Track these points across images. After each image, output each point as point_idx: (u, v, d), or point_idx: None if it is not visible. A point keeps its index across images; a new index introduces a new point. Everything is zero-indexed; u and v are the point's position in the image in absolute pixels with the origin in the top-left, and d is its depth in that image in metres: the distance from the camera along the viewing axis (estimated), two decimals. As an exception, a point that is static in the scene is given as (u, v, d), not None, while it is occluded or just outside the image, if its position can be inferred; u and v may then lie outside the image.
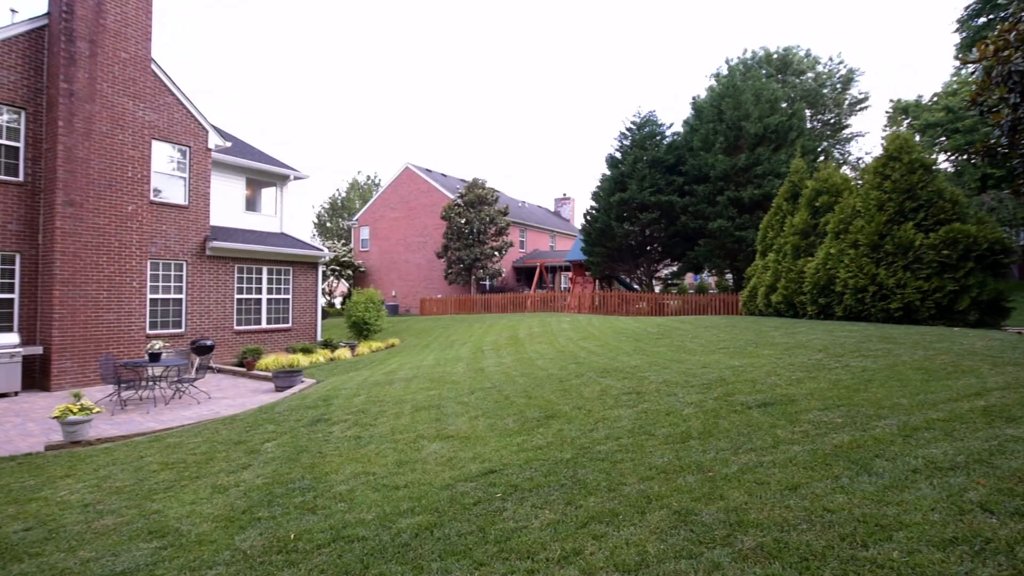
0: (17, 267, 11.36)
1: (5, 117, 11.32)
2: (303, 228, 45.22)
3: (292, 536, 3.87)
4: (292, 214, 18.75)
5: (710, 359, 8.35)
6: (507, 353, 11.67)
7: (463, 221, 27.41)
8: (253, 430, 7.00)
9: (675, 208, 22.39)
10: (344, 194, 46.03)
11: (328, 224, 44.72)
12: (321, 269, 17.20)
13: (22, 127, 11.51)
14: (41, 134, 11.66)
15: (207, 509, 4.51)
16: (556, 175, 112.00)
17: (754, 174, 20.58)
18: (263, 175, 17.02)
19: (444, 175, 35.69)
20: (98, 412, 7.31)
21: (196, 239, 14.05)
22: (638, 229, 23.09)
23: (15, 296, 11.33)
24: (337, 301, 36.98)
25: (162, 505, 4.64)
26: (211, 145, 14.42)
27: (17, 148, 11.45)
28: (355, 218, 36.54)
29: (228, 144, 14.94)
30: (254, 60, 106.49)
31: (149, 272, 13.00)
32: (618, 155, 24.90)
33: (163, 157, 13.54)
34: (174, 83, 13.68)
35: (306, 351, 14.48)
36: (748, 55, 25.30)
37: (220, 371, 13.25)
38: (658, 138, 24.25)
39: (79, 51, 11.60)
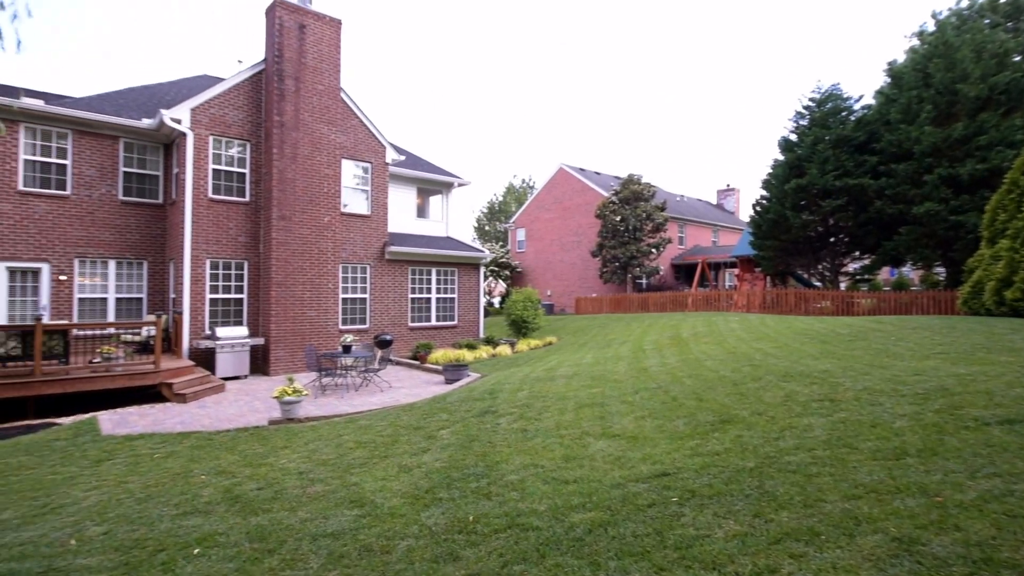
0: (245, 272, 13.72)
1: (236, 150, 13.74)
2: (464, 232, 48.34)
3: (471, 518, 4.05)
4: (455, 219, 20.13)
5: (923, 365, 7.07)
6: (670, 353, 11.14)
7: (618, 219, 26.93)
8: (429, 418, 7.54)
9: (867, 192, 19.52)
10: (501, 198, 48.17)
11: (486, 228, 47.15)
12: (482, 270, 18.12)
13: (248, 156, 13.88)
14: (260, 161, 13.94)
15: (395, 486, 4.94)
16: (718, 165, 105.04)
17: (975, 146, 17.07)
18: (431, 184, 18.44)
19: (598, 173, 35.46)
20: (306, 395, 8.48)
21: (377, 245, 15.69)
22: (819, 218, 20.56)
23: (244, 296, 13.69)
24: (496, 301, 38.79)
25: (359, 479, 5.19)
26: (388, 160, 16.01)
27: (244, 174, 13.83)
28: (511, 220, 37.98)
29: (402, 158, 16.45)
30: (414, 72, 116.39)
31: (341, 275, 14.83)
32: (793, 137, 22.45)
33: (350, 173, 15.36)
34: (358, 107, 15.44)
35: (470, 347, 15.33)
36: (964, 4, 21.08)
37: (397, 363, 14.62)
38: (844, 114, 21.35)
39: (287, 88, 13.64)
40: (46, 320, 12.27)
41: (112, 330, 12.68)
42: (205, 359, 12.49)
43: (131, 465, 6.44)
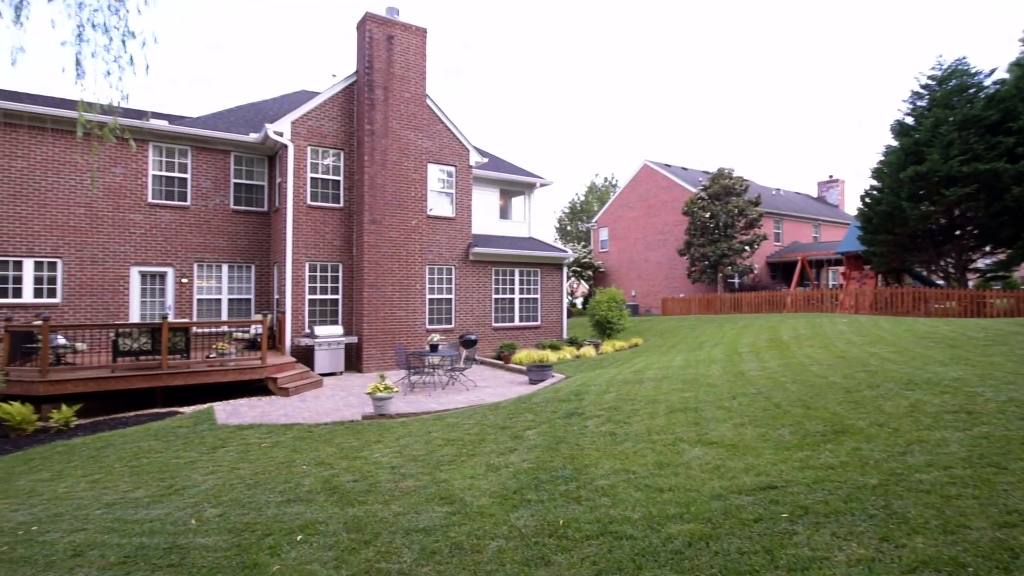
0: (340, 274, 14.47)
1: (331, 158, 14.53)
2: (546, 233, 48.26)
3: (561, 522, 3.93)
4: (538, 220, 20.11)
5: (1085, 373, 6.07)
6: (770, 357, 10.41)
7: (707, 215, 25.71)
8: (515, 418, 7.51)
9: (1001, 178, 17.24)
10: (582, 197, 47.65)
11: (568, 228, 46.81)
12: (565, 270, 17.95)
13: (341, 164, 14.63)
14: (352, 168, 14.65)
15: (484, 484, 4.92)
16: (818, 156, 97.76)
17: None
18: (513, 185, 18.54)
19: (684, 168, 34.13)
20: (396, 392, 8.75)
21: (461, 246, 15.99)
22: (941, 209, 18.43)
23: (339, 296, 14.44)
24: (578, 301, 38.40)
25: (448, 476, 5.23)
26: (472, 163, 16.27)
27: (339, 181, 14.59)
28: (593, 220, 37.44)
29: (485, 160, 16.66)
30: (496, 72, 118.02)
31: (427, 276, 15.26)
32: (909, 120, 20.30)
33: (435, 177, 15.78)
34: (442, 112, 15.83)
35: (554, 348, 15.22)
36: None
37: (482, 363, 14.81)
38: (971, 91, 19.00)
39: (377, 97, 14.24)
40: (171, 319, 13.61)
41: (225, 328, 13.83)
42: (305, 356, 13.29)
43: (242, 453, 6.93)
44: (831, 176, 40.16)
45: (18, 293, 12.62)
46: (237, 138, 14.60)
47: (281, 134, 13.65)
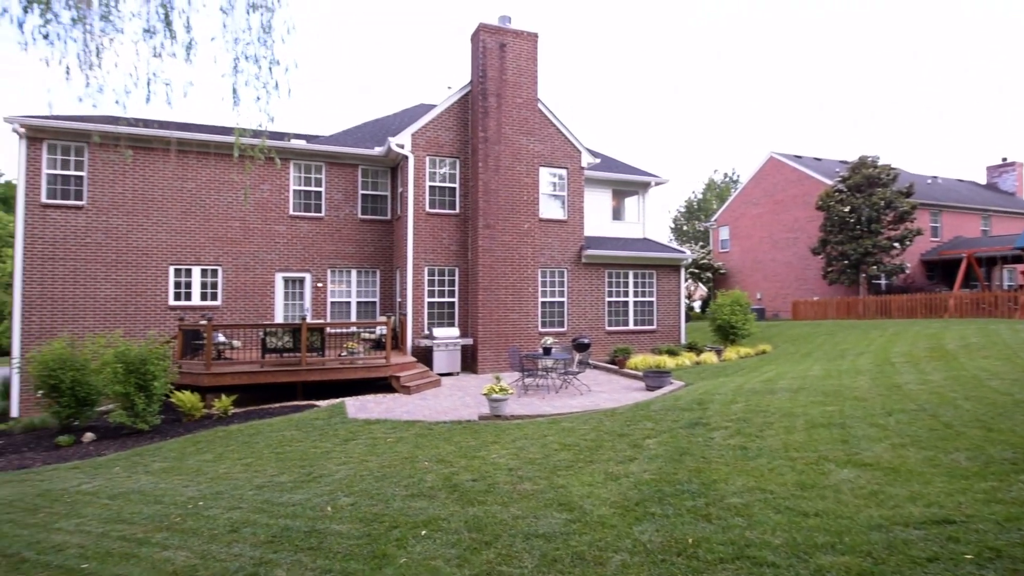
0: (456, 278, 14.98)
1: (447, 167, 15.11)
2: (661, 233, 46.46)
3: (690, 540, 3.65)
4: (652, 220, 19.31)
5: None
6: (932, 368, 9.06)
7: (847, 209, 23.15)
8: (633, 425, 7.21)
9: None
10: (700, 195, 45.29)
11: (684, 227, 44.74)
12: (683, 272, 17.10)
13: (457, 172, 15.16)
14: (467, 175, 15.11)
15: (603, 493, 4.74)
16: (987, 136, 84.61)
17: None
18: (626, 184, 18.05)
19: (817, 159, 31.12)
20: (511, 394, 8.82)
21: (573, 249, 15.85)
22: None
23: (455, 299, 14.95)
24: (696, 304, 36.50)
25: (566, 481, 5.11)
26: (584, 164, 16.08)
27: (454, 188, 15.14)
28: (713, 219, 35.42)
29: (597, 160, 16.39)
30: (606, 70, 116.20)
31: (540, 279, 15.30)
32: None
33: (547, 180, 15.80)
34: (553, 115, 15.82)
35: (671, 353, 14.53)
36: None
37: (595, 367, 14.52)
38: None
39: (490, 105, 14.57)
40: (308, 320, 14.94)
41: (353, 329, 14.90)
42: (424, 356, 13.92)
43: (370, 446, 7.35)
44: (1004, 159, 34.41)
45: (188, 296, 14.58)
46: (364, 152, 15.72)
47: (402, 146, 14.46)
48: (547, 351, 11.63)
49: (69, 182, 13.66)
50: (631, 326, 16.47)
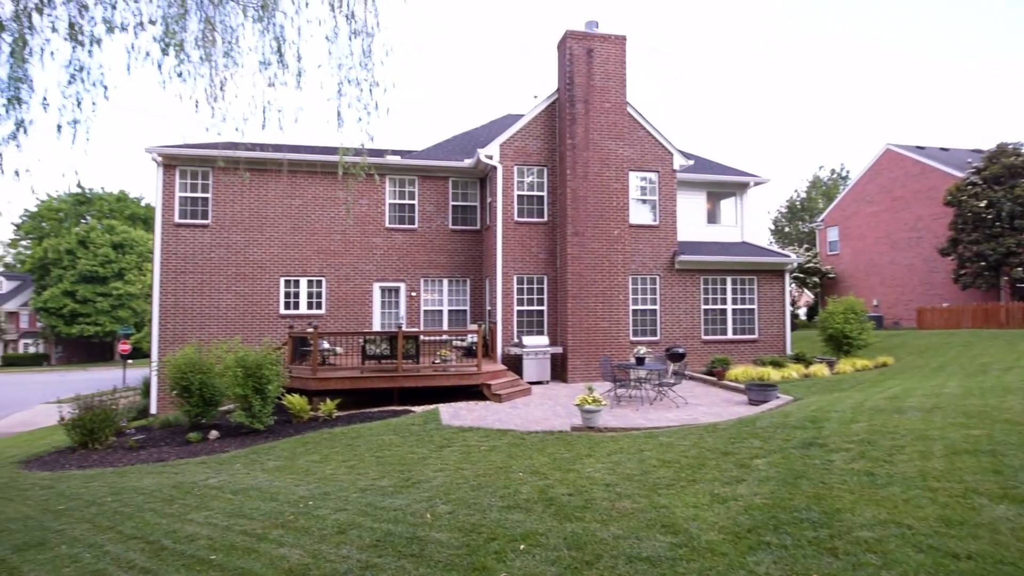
0: (545, 286, 14.95)
1: (535, 175, 15.15)
2: (760, 236, 43.70)
3: (815, 578, 3.30)
4: (751, 222, 18.14)
5: None
6: (1103, 386, 7.73)
7: (983, 204, 20.53)
8: (738, 442, 6.75)
9: None
10: (803, 194, 42.13)
11: (786, 229, 41.77)
12: (787, 277, 15.94)
13: (545, 180, 15.17)
14: (555, 183, 15.07)
15: (710, 516, 4.44)
16: None
17: None
18: (722, 186, 17.18)
19: (943, 149, 27.95)
20: (604, 405, 8.60)
21: (666, 255, 15.29)
22: None
23: (544, 308, 14.91)
24: (801, 312, 33.93)
25: (668, 501, 4.85)
26: (676, 167, 15.50)
27: (542, 196, 15.14)
28: (819, 219, 32.84)
29: (690, 162, 15.74)
30: (699, 69, 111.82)
31: (630, 286, 14.89)
32: None
33: (637, 185, 15.39)
34: (643, 117, 15.40)
35: (776, 364, 13.55)
36: None
37: (691, 378, 13.86)
38: None
39: (577, 111, 14.46)
40: (403, 328, 15.54)
41: (445, 336, 15.29)
42: (514, 364, 13.98)
43: (464, 454, 7.45)
44: None
45: (296, 305, 15.68)
46: (454, 165, 16.18)
47: (491, 157, 14.70)
48: (640, 361, 11.25)
49: (197, 203, 15.21)
50: (730, 335, 15.57)
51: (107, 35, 5.99)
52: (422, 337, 14.97)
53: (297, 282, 15.71)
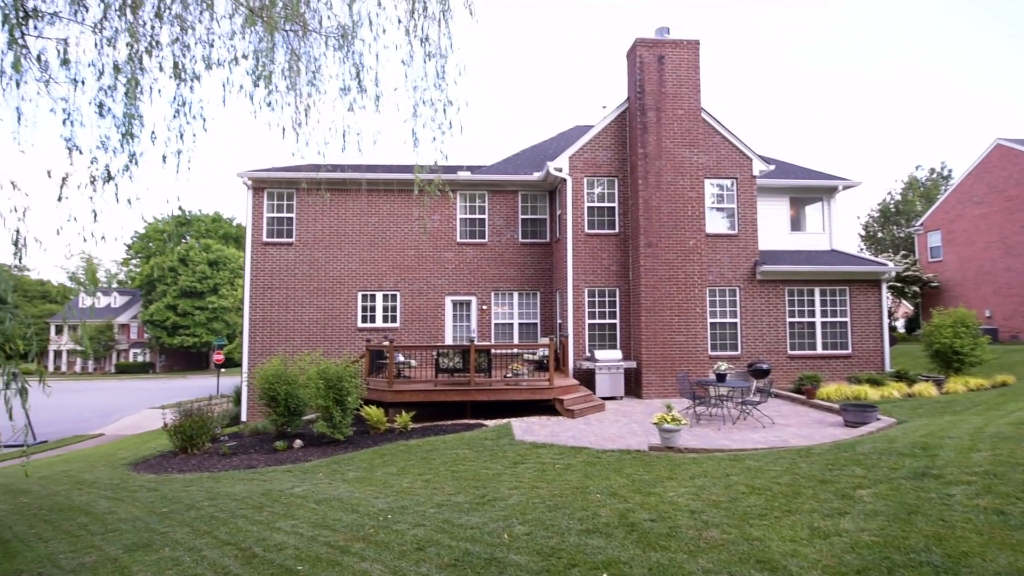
0: (617, 299, 14.61)
1: (605, 186, 14.91)
2: (849, 243, 40.70)
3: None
4: (839, 229, 16.79)
5: None
6: None
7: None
8: (836, 470, 6.20)
9: None
10: (897, 196, 38.93)
11: (879, 234, 38.69)
12: (884, 287, 14.68)
13: (616, 191, 14.89)
14: (626, 193, 14.75)
15: (810, 553, 4.07)
16: None
17: None
18: (807, 191, 16.18)
19: (1064, 143, 24.93)
20: (684, 424, 8.20)
21: (746, 265, 14.53)
22: None
23: (616, 321, 14.56)
24: (899, 324, 31.23)
25: (761, 533, 4.50)
26: (755, 172, 14.76)
27: (613, 208, 14.86)
28: (918, 223, 30.19)
29: (771, 167, 14.94)
30: (784, 71, 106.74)
31: (708, 298, 14.25)
32: None
33: (713, 193, 14.78)
34: (719, 123, 14.81)
35: (873, 382, 12.47)
36: None
37: (777, 396, 13.02)
38: None
39: (649, 120, 14.12)
40: (475, 341, 15.67)
41: (516, 350, 15.27)
42: (585, 379, 13.71)
43: (539, 471, 7.32)
44: None
45: (373, 319, 16.23)
46: (523, 178, 16.25)
47: (560, 169, 14.63)
48: (721, 377, 10.70)
49: (282, 223, 16.15)
50: (819, 350, 14.51)
51: (206, 71, 6.48)
52: (494, 351, 15.03)
53: (373, 296, 16.27)
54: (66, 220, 5.15)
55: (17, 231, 4.74)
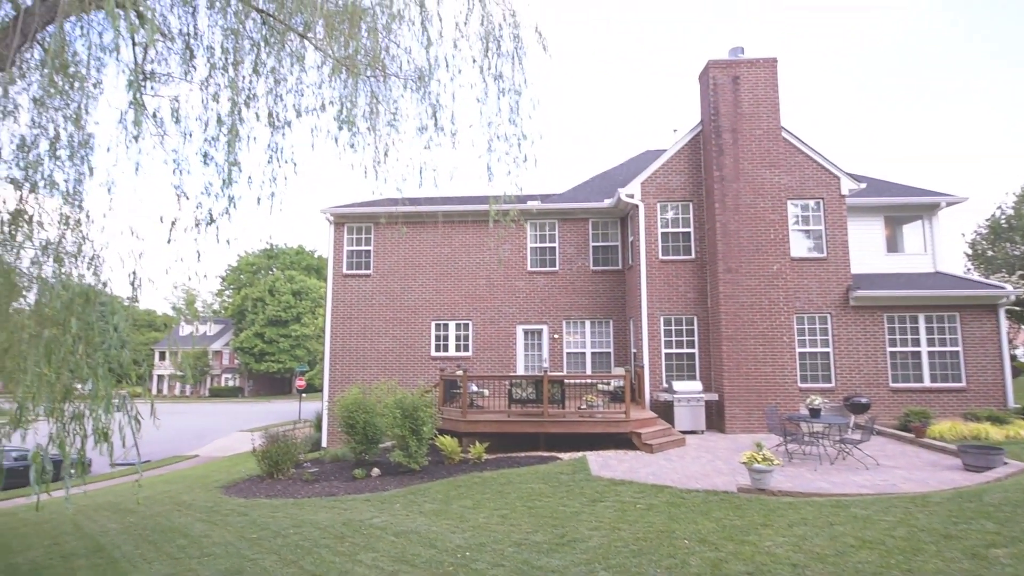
0: (695, 327, 14.01)
1: (679, 211, 14.50)
2: (955, 264, 37.08)
3: None
4: (943, 248, 15.23)
5: None
6: None
7: None
8: (961, 523, 5.49)
9: None
10: (1009, 211, 35.21)
11: (989, 253, 35.05)
12: (1001, 312, 13.17)
13: (690, 215, 14.43)
14: (702, 218, 14.25)
15: (944, 625, 3.56)
16: None
17: None
18: (904, 209, 14.97)
19: None
20: (778, 464, 7.60)
21: (837, 290, 13.55)
22: None
23: (695, 350, 13.93)
24: (1019, 353, 27.93)
25: (881, 597, 4.01)
26: (844, 191, 13.87)
27: (688, 233, 14.39)
28: (1033, 241, 27.12)
29: (862, 186, 13.98)
30: (878, 81, 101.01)
31: (795, 326, 13.37)
32: None
33: (797, 214, 13.98)
34: (801, 141, 14.09)
35: (995, 420, 11.12)
36: None
37: (879, 433, 11.87)
38: None
39: (724, 142, 13.67)
40: (547, 371, 15.49)
41: (589, 380, 14.92)
42: (663, 411, 13.14)
43: (619, 511, 6.99)
44: None
45: (446, 348, 16.47)
46: (593, 206, 16.14)
47: (632, 196, 14.40)
48: (815, 412, 9.90)
49: (361, 255, 16.87)
50: (926, 383, 13.15)
51: (296, 118, 6.94)
52: (567, 381, 14.79)
53: (446, 325, 16.54)
54: (174, 261, 5.57)
55: (134, 272, 5.17)
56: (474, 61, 7.26)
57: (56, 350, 4.03)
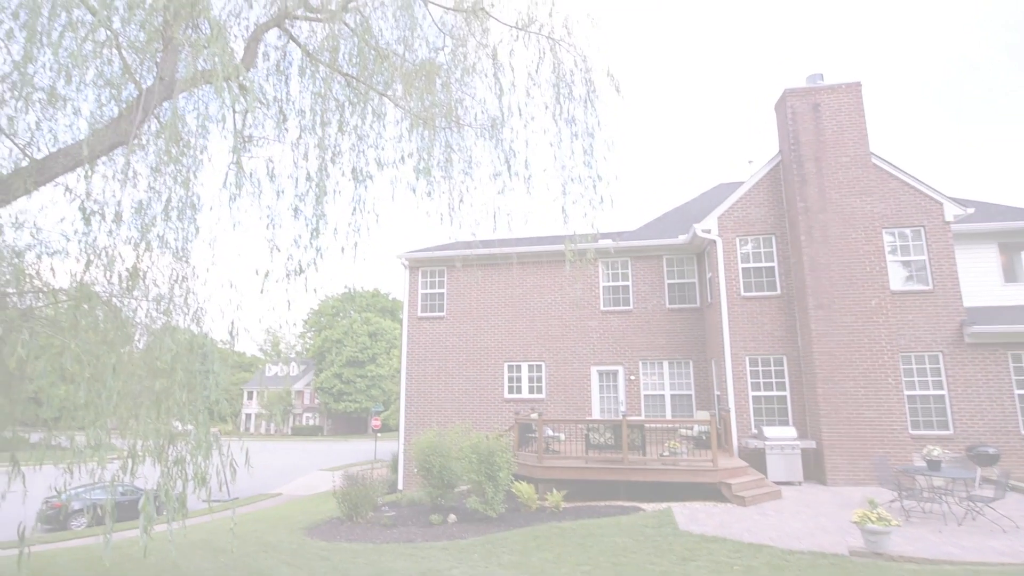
0: (785, 367, 13.07)
1: (761, 245, 13.81)
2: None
3: None
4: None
5: None
6: None
7: None
8: None
9: None
10: None
11: None
12: None
13: (773, 249, 13.71)
14: (786, 252, 13.49)
15: None
16: None
17: None
18: (1021, 234, 13.49)
19: None
20: (896, 525, 6.75)
21: (949, 325, 12.26)
22: None
23: (786, 393, 12.96)
24: None
25: None
26: (948, 218, 12.72)
27: (772, 268, 13.64)
28: None
29: (969, 211, 12.77)
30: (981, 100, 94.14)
31: (902, 366, 12.16)
32: None
33: (894, 244, 12.94)
34: (895, 166, 13.17)
35: None
36: None
37: (1013, 488, 10.38)
38: None
39: (807, 172, 13.00)
40: (625, 414, 14.91)
41: (670, 425, 14.19)
42: (753, 459, 12.20)
43: (714, 573, 6.42)
44: None
45: (519, 390, 16.29)
46: (668, 242, 15.71)
47: (708, 231, 13.91)
48: (934, 464, 8.82)
49: (435, 298, 17.24)
50: (1067, 431, 11.48)
51: (378, 171, 7.25)
52: (647, 425, 14.16)
53: (519, 367, 16.42)
54: (267, 310, 5.84)
55: (232, 322, 5.48)
56: (546, 107, 7.37)
57: (164, 400, 4.27)
